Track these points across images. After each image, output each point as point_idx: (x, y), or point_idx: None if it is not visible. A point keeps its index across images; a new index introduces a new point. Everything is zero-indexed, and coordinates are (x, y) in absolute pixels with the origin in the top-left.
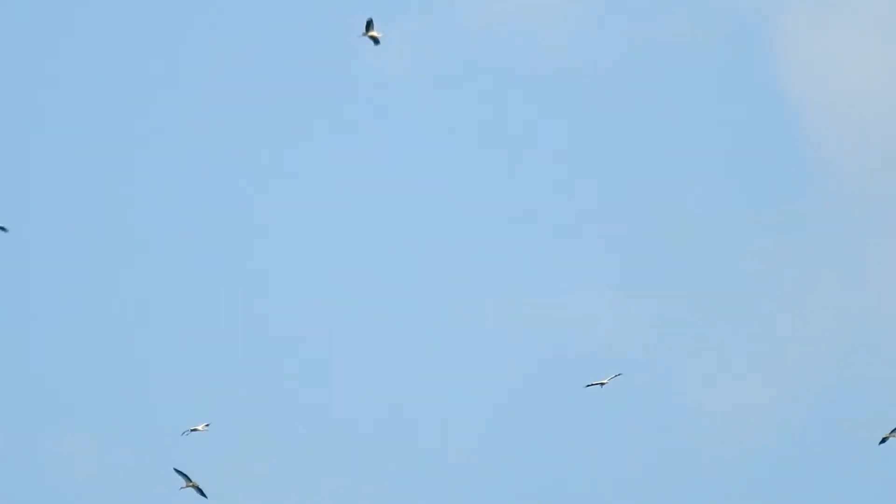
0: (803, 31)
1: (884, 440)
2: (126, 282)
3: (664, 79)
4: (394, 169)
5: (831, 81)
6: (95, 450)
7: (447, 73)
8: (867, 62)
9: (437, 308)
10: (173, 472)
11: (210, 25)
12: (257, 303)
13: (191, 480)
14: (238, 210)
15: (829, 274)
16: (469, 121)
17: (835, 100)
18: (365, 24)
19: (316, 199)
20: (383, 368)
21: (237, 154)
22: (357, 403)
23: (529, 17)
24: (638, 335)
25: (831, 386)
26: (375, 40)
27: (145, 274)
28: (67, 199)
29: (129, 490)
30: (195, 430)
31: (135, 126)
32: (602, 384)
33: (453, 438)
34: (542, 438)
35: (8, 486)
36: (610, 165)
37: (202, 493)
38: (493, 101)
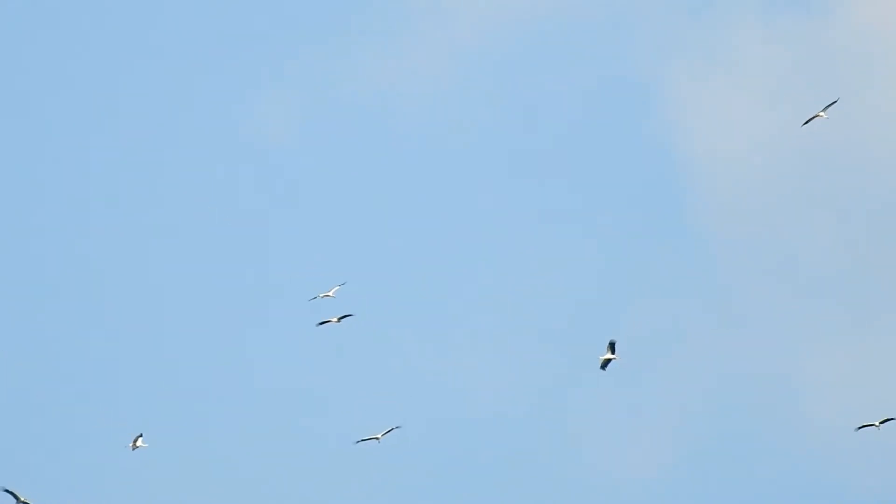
0: (687, 93)
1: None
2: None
3: (548, 138)
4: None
5: (715, 142)
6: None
7: (329, 133)
8: (749, 123)
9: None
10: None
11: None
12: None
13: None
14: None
15: (713, 331)
16: (357, 180)
17: (718, 160)
18: (608, 346)
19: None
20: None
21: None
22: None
23: (411, 81)
24: (522, 394)
25: (715, 442)
26: (607, 363)
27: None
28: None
29: None
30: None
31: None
32: (336, 321)
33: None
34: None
35: None
36: (494, 224)
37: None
38: (376, 161)
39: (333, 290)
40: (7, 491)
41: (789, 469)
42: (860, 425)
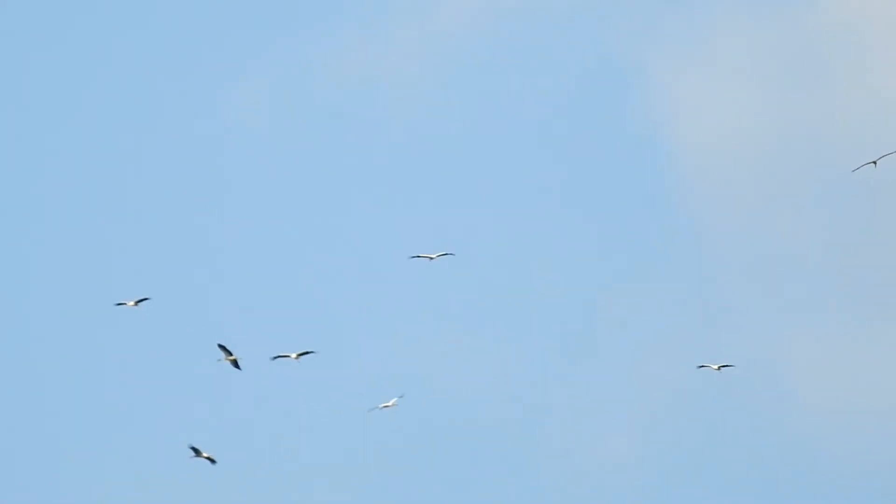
0: (669, 79)
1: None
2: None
3: (529, 127)
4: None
5: (698, 129)
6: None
7: (309, 122)
8: (728, 111)
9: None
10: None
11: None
12: None
13: (230, 354)
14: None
15: (688, 319)
16: (336, 171)
17: (702, 146)
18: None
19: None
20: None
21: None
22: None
23: (389, 69)
24: (497, 380)
25: (688, 430)
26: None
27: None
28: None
29: None
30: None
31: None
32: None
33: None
34: (411, 484)
35: None
36: (472, 215)
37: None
38: (357, 153)
39: (437, 255)
40: (192, 448)
41: (775, 455)
42: (700, 365)
